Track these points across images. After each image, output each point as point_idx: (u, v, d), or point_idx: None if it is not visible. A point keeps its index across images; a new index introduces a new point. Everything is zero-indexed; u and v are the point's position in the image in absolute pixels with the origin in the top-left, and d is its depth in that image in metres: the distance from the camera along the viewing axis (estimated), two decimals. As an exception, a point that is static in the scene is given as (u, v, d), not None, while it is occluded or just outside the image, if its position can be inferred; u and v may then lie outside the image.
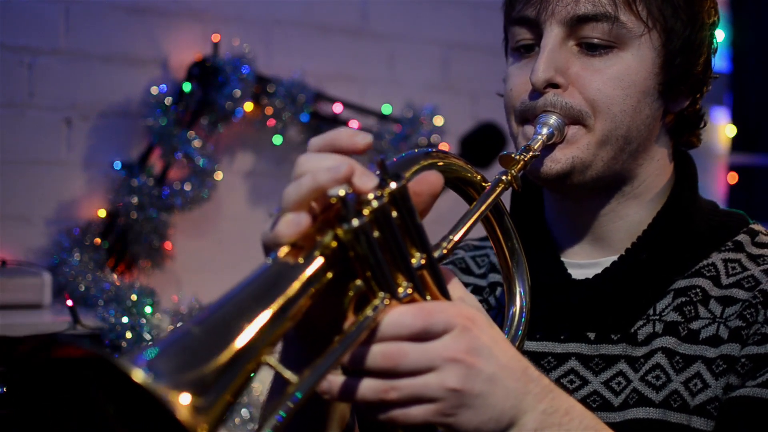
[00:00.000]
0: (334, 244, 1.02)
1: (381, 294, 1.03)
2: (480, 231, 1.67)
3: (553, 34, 1.37)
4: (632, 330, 1.40)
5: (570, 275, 1.46)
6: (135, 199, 3.35)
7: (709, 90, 1.48)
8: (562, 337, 1.44)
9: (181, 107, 3.44)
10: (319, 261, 1.02)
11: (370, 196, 1.03)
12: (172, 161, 3.43)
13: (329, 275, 1.03)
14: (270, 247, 1.04)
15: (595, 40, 1.36)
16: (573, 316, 1.44)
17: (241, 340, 0.92)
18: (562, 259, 1.48)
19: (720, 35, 1.45)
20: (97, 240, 3.35)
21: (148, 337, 3.00)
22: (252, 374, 0.93)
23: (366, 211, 1.02)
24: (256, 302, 0.96)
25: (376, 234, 1.02)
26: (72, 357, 0.88)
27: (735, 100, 5.03)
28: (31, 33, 3.32)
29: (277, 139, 3.67)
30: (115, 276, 3.28)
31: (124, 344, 2.97)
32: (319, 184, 1.03)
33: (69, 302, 3.00)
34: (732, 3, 4.94)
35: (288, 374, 0.95)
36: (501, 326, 1.14)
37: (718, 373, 1.32)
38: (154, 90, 3.43)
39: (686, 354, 1.35)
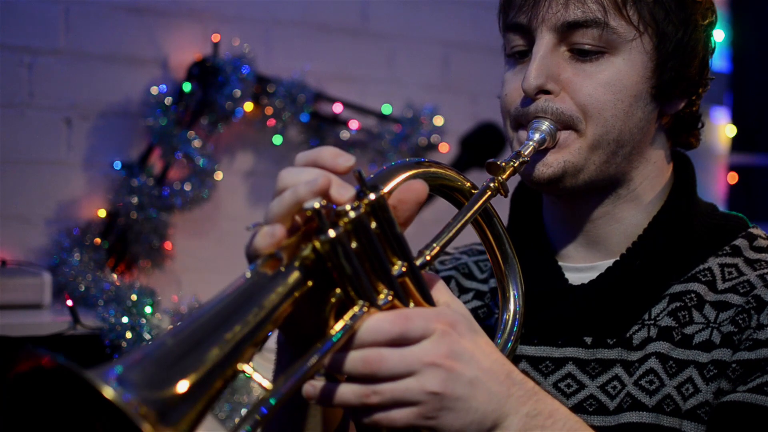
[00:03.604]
0: (312, 255, 1.05)
1: (360, 302, 1.06)
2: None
3: (544, 40, 1.38)
4: (628, 335, 1.40)
5: (567, 280, 1.46)
6: (135, 199, 3.35)
7: (707, 90, 1.48)
8: (559, 342, 1.44)
9: (181, 107, 3.44)
10: (297, 272, 1.04)
11: (348, 207, 1.05)
12: (172, 161, 3.43)
13: (309, 284, 1.06)
14: (252, 260, 1.07)
15: (586, 46, 1.37)
16: (570, 321, 1.44)
17: (216, 351, 0.94)
18: (560, 263, 1.48)
19: (720, 35, 1.45)
20: (97, 240, 3.35)
21: (148, 337, 3.00)
22: (228, 381, 0.95)
23: (342, 222, 1.05)
24: (232, 313, 0.99)
25: (354, 244, 1.05)
26: (37, 369, 0.89)
27: (735, 100, 5.02)
28: (31, 33, 3.32)
29: (277, 139, 3.67)
30: (115, 276, 3.28)
31: (124, 344, 2.97)
32: (298, 197, 1.06)
33: (69, 302, 3.00)
34: (732, 3, 4.94)
35: (264, 382, 0.98)
36: (497, 330, 1.15)
37: (709, 378, 1.32)
38: (154, 90, 3.43)
39: (679, 359, 1.36)
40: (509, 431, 1.09)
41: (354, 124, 3.75)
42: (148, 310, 3.06)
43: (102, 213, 3.40)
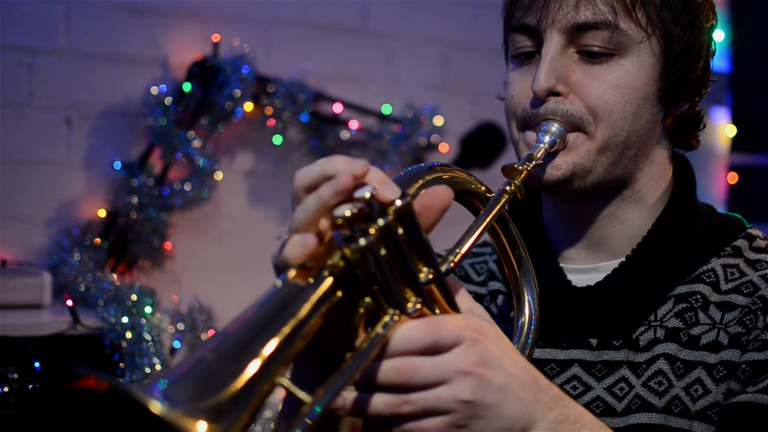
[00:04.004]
0: (341, 263, 1.03)
1: (390, 311, 1.04)
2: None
3: (553, 42, 1.37)
4: (634, 336, 1.40)
5: (570, 282, 1.46)
6: (135, 199, 3.35)
7: (708, 92, 1.48)
8: (564, 344, 1.44)
9: (181, 107, 3.44)
10: (328, 281, 1.03)
11: (376, 214, 1.03)
12: (172, 161, 3.43)
13: (338, 294, 1.04)
14: (280, 270, 1.05)
15: (595, 48, 1.36)
16: (575, 323, 1.44)
17: (254, 365, 0.93)
18: (561, 264, 1.48)
19: (720, 35, 1.45)
20: (97, 240, 3.35)
21: (148, 337, 3.00)
22: (266, 396, 0.94)
23: (372, 230, 1.02)
24: (267, 325, 0.97)
25: (383, 252, 1.03)
26: (85, 388, 0.88)
27: (735, 100, 5.02)
28: (31, 33, 3.32)
29: (277, 139, 3.67)
30: (115, 276, 3.28)
31: (124, 344, 2.97)
32: (323, 201, 1.04)
33: (69, 302, 3.00)
34: (732, 3, 4.94)
35: (302, 394, 0.96)
36: (506, 335, 1.15)
37: (719, 379, 1.32)
38: (154, 90, 3.43)
39: (687, 360, 1.36)
40: None
41: (354, 124, 3.74)
42: (148, 310, 3.06)
43: (102, 213, 3.40)
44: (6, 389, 2.74)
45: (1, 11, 3.26)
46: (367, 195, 1.02)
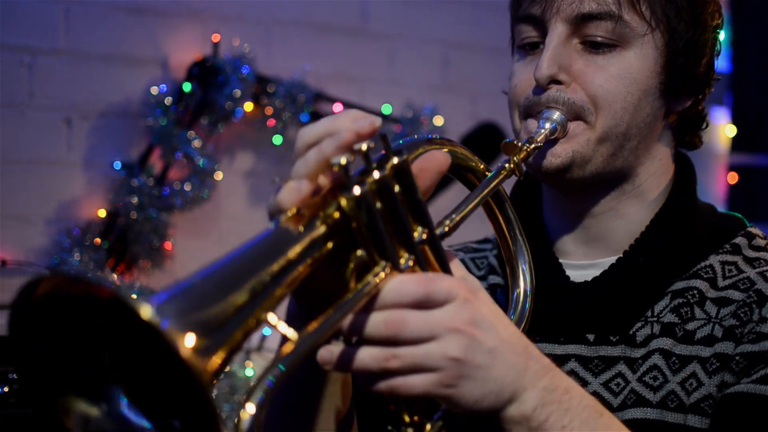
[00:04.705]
0: (336, 215, 1.04)
1: (382, 263, 1.04)
2: (478, 234, 1.67)
3: (557, 31, 1.38)
4: (631, 332, 1.40)
5: (568, 277, 1.46)
6: (135, 199, 3.35)
7: (711, 91, 1.49)
8: (561, 339, 1.44)
9: (181, 107, 3.44)
10: (321, 229, 1.04)
11: (373, 167, 1.05)
12: (172, 161, 3.43)
13: (330, 245, 1.04)
14: (274, 214, 1.06)
15: (599, 39, 1.38)
16: (572, 319, 1.44)
17: (241, 295, 0.94)
18: (560, 260, 1.48)
19: (721, 35, 1.46)
20: (97, 240, 3.35)
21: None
22: (252, 330, 0.95)
23: (368, 180, 1.04)
24: (256, 261, 0.98)
25: (378, 205, 1.04)
26: (77, 294, 0.88)
27: (735, 100, 5.02)
28: (31, 33, 3.32)
29: (277, 139, 3.67)
30: (115, 276, 3.28)
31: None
32: (324, 154, 1.05)
33: (69, 302, 2.99)
34: (732, 3, 4.94)
35: (287, 331, 0.97)
36: (509, 308, 1.15)
37: (712, 371, 1.33)
38: (154, 90, 3.43)
39: (682, 354, 1.36)
40: (527, 404, 1.08)
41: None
42: (148, 310, 3.06)
43: (102, 213, 3.40)
44: (6, 389, 2.74)
45: (1, 11, 3.26)
46: (364, 148, 1.03)
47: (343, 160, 1.02)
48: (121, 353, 0.93)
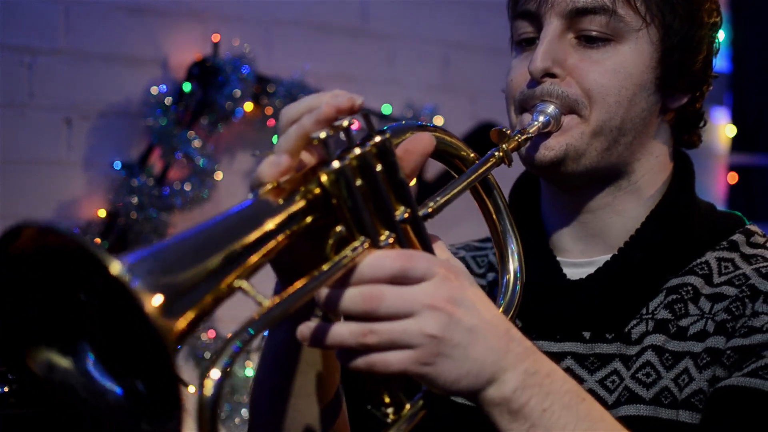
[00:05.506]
0: (317, 190, 1.05)
1: (361, 238, 1.04)
2: (480, 233, 1.67)
3: (552, 26, 1.39)
4: (626, 329, 1.40)
5: (565, 276, 1.46)
6: (135, 199, 3.35)
7: (710, 89, 1.49)
8: (557, 337, 1.44)
9: (181, 107, 3.44)
10: (300, 203, 1.04)
11: (356, 144, 1.06)
12: (172, 161, 3.43)
13: (309, 219, 1.05)
14: (254, 187, 1.07)
15: (593, 33, 1.39)
16: (568, 316, 1.44)
17: (214, 260, 0.94)
18: (558, 258, 1.48)
19: (720, 35, 1.47)
20: (97, 240, 3.35)
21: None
22: (224, 297, 0.95)
23: (349, 156, 1.05)
24: (232, 230, 0.99)
25: (358, 182, 1.05)
26: (52, 246, 0.88)
27: (735, 100, 5.02)
28: (31, 33, 3.32)
29: (277, 139, 3.67)
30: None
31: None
32: (304, 129, 1.07)
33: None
34: (732, 3, 4.94)
35: (260, 297, 0.97)
36: (499, 294, 1.15)
37: (703, 366, 1.32)
38: (154, 90, 3.43)
39: (675, 351, 1.36)
40: (507, 386, 1.07)
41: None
42: (148, 310, 3.06)
43: (102, 213, 3.40)
44: (6, 389, 2.74)
45: (1, 11, 3.26)
46: (345, 123, 1.05)
47: (323, 134, 1.03)
48: (93, 311, 0.93)
